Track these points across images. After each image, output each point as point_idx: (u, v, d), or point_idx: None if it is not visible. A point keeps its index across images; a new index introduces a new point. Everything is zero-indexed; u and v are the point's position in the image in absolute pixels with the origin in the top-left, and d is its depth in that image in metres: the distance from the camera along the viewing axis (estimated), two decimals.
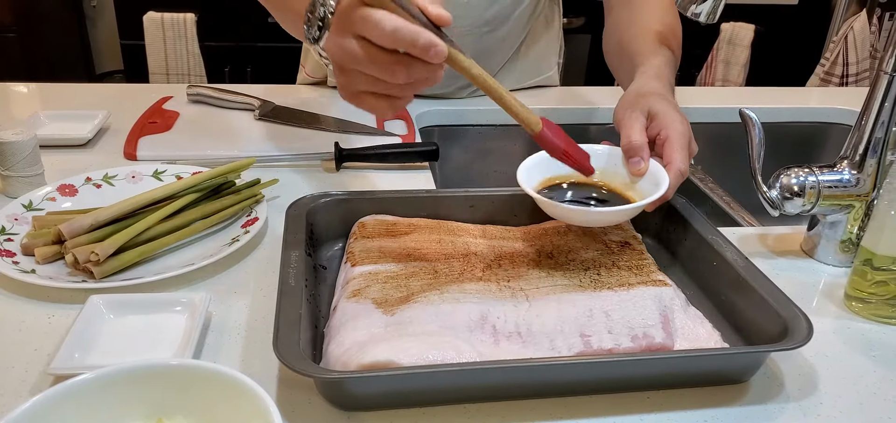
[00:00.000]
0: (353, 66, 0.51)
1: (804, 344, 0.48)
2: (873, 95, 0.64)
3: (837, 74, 1.99)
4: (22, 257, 0.60)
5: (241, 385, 0.39)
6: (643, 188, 0.62)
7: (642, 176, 0.62)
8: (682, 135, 0.63)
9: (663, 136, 0.63)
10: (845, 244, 0.67)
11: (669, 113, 0.65)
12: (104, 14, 2.79)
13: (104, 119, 0.90)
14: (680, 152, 0.62)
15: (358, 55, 0.50)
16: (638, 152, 0.63)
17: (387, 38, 0.48)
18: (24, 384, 0.48)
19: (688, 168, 0.63)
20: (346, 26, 0.50)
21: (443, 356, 0.47)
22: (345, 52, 0.50)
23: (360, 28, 0.49)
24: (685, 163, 0.62)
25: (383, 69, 0.50)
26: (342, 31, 0.50)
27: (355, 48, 0.50)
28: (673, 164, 0.61)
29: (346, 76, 0.53)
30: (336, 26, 0.51)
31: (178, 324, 0.53)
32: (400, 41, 0.48)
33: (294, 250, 0.57)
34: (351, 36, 0.50)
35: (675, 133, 0.63)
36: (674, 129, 0.63)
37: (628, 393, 0.49)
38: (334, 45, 0.51)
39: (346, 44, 0.50)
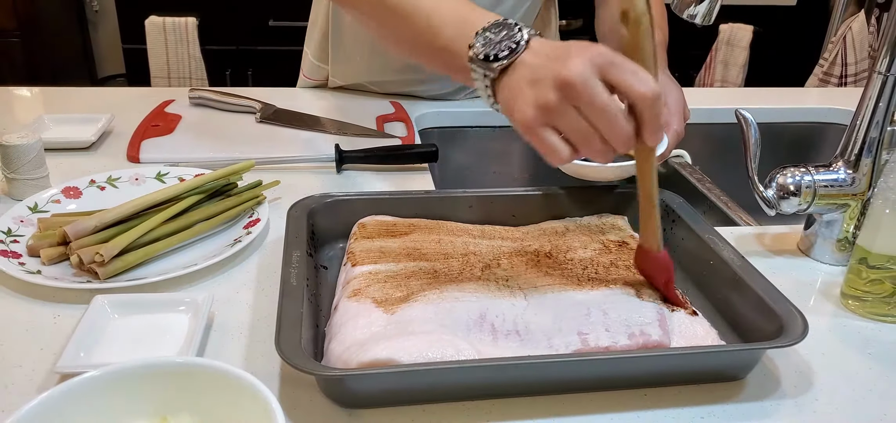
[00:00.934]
0: (584, 103, 0.47)
1: (800, 341, 0.49)
2: (867, 94, 0.64)
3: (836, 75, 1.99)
4: (28, 258, 0.61)
5: (244, 383, 0.39)
6: None
7: None
8: (677, 101, 0.72)
9: None
10: (841, 243, 0.68)
11: (666, 82, 0.74)
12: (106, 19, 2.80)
13: (107, 122, 0.91)
14: (676, 116, 0.71)
15: (600, 98, 0.46)
16: None
17: (650, 97, 0.46)
18: (30, 382, 0.49)
19: (683, 130, 0.72)
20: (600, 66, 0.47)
21: (442, 354, 0.47)
22: (587, 88, 0.46)
23: (619, 73, 0.46)
24: (681, 125, 0.71)
25: (614, 126, 0.47)
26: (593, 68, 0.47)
27: (601, 90, 0.46)
28: (670, 126, 0.70)
29: (557, 108, 0.48)
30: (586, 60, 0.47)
31: (181, 323, 0.53)
32: (654, 107, 0.46)
33: (295, 251, 0.57)
34: (599, 76, 0.46)
35: (671, 99, 0.72)
36: (670, 96, 0.72)
37: (625, 390, 0.50)
38: (578, 76, 0.46)
39: (592, 79, 0.46)
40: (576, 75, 0.46)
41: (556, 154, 0.49)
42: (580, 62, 0.47)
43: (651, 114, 0.47)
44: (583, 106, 0.47)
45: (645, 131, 0.48)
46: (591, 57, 0.47)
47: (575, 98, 0.47)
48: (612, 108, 0.47)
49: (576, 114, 0.48)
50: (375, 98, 1.08)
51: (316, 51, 1.10)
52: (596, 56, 0.47)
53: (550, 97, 0.47)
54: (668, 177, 0.98)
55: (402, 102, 1.05)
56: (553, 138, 0.49)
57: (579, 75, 0.46)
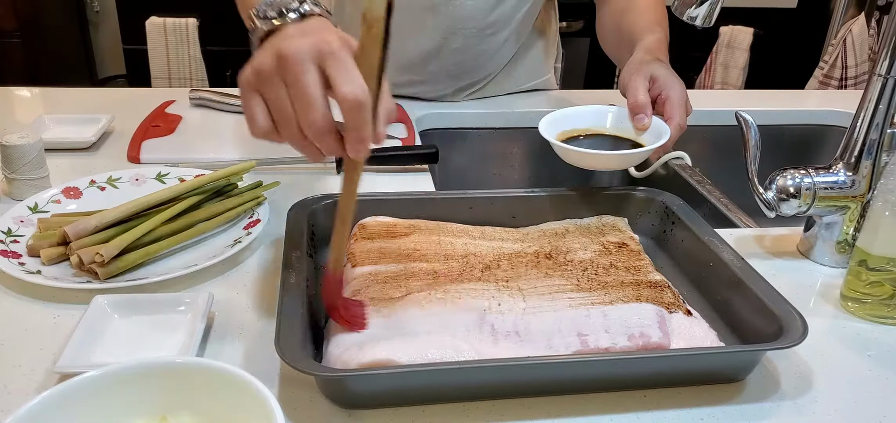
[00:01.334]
0: (290, 79, 0.46)
1: (799, 343, 0.49)
2: (867, 97, 0.64)
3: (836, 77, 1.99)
4: (28, 258, 0.61)
5: (244, 383, 0.39)
6: (647, 139, 0.73)
7: (646, 130, 0.73)
8: (680, 95, 0.74)
9: (664, 96, 0.74)
10: (841, 245, 0.68)
11: (669, 76, 0.75)
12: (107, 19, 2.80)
13: (108, 123, 0.91)
14: (679, 109, 0.73)
15: (305, 81, 0.45)
16: (642, 109, 0.73)
17: (352, 101, 0.44)
18: (30, 382, 0.49)
19: (686, 123, 0.73)
20: (321, 52, 0.45)
21: (442, 355, 0.47)
22: (297, 66, 0.45)
23: (334, 68, 0.45)
24: (683, 119, 0.73)
25: (310, 112, 0.45)
26: (313, 51, 0.45)
27: (310, 74, 0.45)
28: (673, 119, 0.72)
29: (267, 76, 0.47)
30: (309, 42, 0.46)
31: (181, 323, 0.53)
32: (356, 115, 0.44)
33: (295, 251, 0.57)
34: (316, 61, 0.45)
35: (674, 93, 0.74)
36: (674, 90, 0.74)
37: (625, 392, 0.50)
38: (293, 51, 0.45)
39: (306, 61, 0.45)
40: (292, 50, 0.45)
41: (253, 123, 0.48)
42: (304, 42, 0.45)
43: (351, 118, 0.45)
44: (288, 83, 0.46)
45: (346, 138, 0.46)
46: (317, 41, 0.45)
47: (284, 72, 0.46)
48: (311, 93, 0.45)
49: (283, 90, 0.46)
50: None
51: None
52: (322, 42, 0.45)
53: (266, 63, 0.46)
54: (668, 178, 0.98)
55: (402, 103, 1.05)
56: (257, 107, 0.48)
57: (295, 52, 0.45)
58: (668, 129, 0.72)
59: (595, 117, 0.78)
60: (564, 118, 0.76)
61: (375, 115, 0.46)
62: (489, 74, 1.10)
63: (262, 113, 0.48)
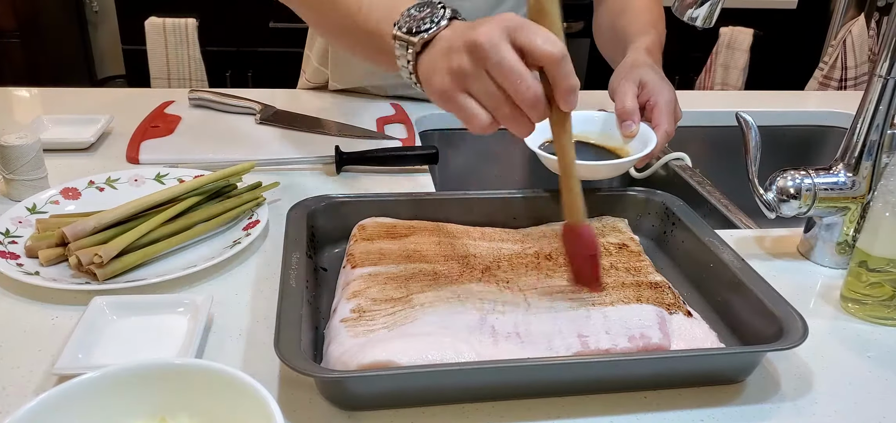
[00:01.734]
0: (492, 64, 0.48)
1: (799, 344, 0.49)
2: (867, 97, 0.64)
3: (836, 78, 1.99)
4: (26, 259, 0.61)
5: (243, 385, 0.39)
6: (635, 148, 0.72)
7: (634, 137, 0.72)
8: (668, 102, 0.73)
9: (652, 102, 0.73)
10: (841, 246, 0.68)
11: (658, 82, 0.74)
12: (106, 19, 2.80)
13: (107, 123, 0.91)
14: (667, 117, 0.72)
15: (508, 58, 0.47)
16: (630, 116, 0.72)
17: (555, 56, 0.47)
18: (28, 384, 0.48)
19: (674, 130, 0.72)
20: (508, 29, 0.48)
21: (442, 356, 0.47)
22: (495, 49, 0.47)
23: (527, 35, 0.47)
24: (671, 126, 0.72)
25: (520, 85, 0.47)
26: (502, 31, 0.48)
27: (508, 51, 0.47)
28: (660, 126, 0.71)
29: (468, 72, 0.49)
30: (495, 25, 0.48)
31: (180, 325, 0.53)
32: (561, 67, 0.47)
33: (295, 252, 0.57)
34: (508, 38, 0.47)
35: (662, 100, 0.72)
36: (662, 96, 0.73)
37: (625, 393, 0.50)
38: (485, 38, 0.47)
39: (500, 42, 0.47)
40: (484, 37, 0.47)
41: (476, 119, 0.50)
42: (489, 26, 0.48)
43: (559, 74, 0.48)
44: (491, 68, 0.48)
45: (556, 93, 0.49)
46: (500, 22, 0.48)
47: (484, 60, 0.48)
48: (517, 68, 0.47)
49: (487, 77, 0.48)
50: (376, 100, 1.08)
51: (319, 56, 1.10)
52: (505, 20, 0.48)
53: (463, 62, 0.49)
54: (668, 179, 0.98)
55: (402, 104, 1.05)
56: (471, 104, 0.50)
57: (487, 37, 0.47)
58: (654, 136, 0.70)
59: (582, 124, 0.75)
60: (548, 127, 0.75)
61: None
62: None
63: (478, 107, 0.50)
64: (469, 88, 0.50)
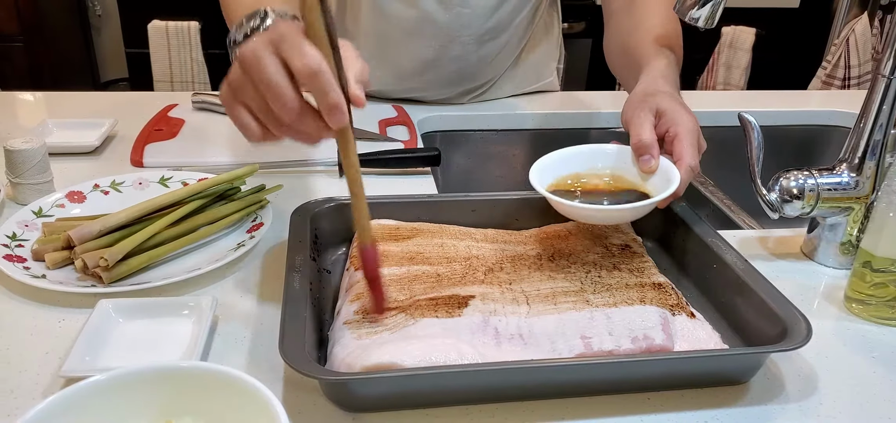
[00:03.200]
0: (254, 76, 0.48)
1: (803, 345, 0.49)
2: (871, 97, 0.64)
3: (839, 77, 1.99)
4: (32, 262, 0.61)
5: (248, 387, 0.39)
6: (655, 184, 0.63)
7: (653, 173, 0.64)
8: (690, 131, 0.64)
9: (672, 132, 0.64)
10: (845, 246, 0.68)
11: (677, 110, 0.66)
12: (109, 23, 2.81)
13: (111, 127, 0.91)
14: (690, 148, 0.63)
15: (266, 71, 0.47)
16: (648, 150, 0.64)
17: (307, 71, 0.46)
18: (36, 386, 0.49)
19: (698, 164, 0.63)
20: (273, 41, 0.47)
21: (445, 358, 0.47)
22: (256, 61, 0.47)
23: (287, 49, 0.47)
24: (695, 159, 0.63)
25: (278, 98, 0.47)
26: (266, 44, 0.48)
27: (268, 63, 0.47)
28: (683, 160, 0.62)
29: (238, 84, 0.50)
30: (263, 37, 0.48)
31: (185, 327, 0.54)
32: (316, 82, 0.46)
33: (299, 255, 0.57)
34: (272, 51, 0.47)
35: (683, 130, 0.64)
36: (683, 125, 0.64)
37: (629, 394, 0.50)
38: (250, 51, 0.48)
39: (263, 54, 0.47)
40: (248, 51, 0.48)
41: (247, 129, 0.50)
42: (257, 40, 0.48)
43: (313, 87, 0.47)
44: (255, 80, 0.48)
45: (319, 108, 0.48)
46: (268, 34, 0.48)
47: (249, 72, 0.48)
48: (275, 79, 0.47)
49: (253, 89, 0.49)
50: (378, 102, 1.08)
51: None
52: (272, 33, 0.48)
53: (235, 73, 0.50)
54: None
55: (404, 106, 1.05)
56: (244, 115, 0.50)
57: (251, 51, 0.48)
58: (677, 172, 0.61)
59: (592, 159, 0.67)
60: (558, 163, 0.66)
61: (344, 78, 0.48)
62: (490, 80, 1.10)
63: (250, 119, 0.50)
64: (242, 99, 0.50)
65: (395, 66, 1.03)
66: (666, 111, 0.66)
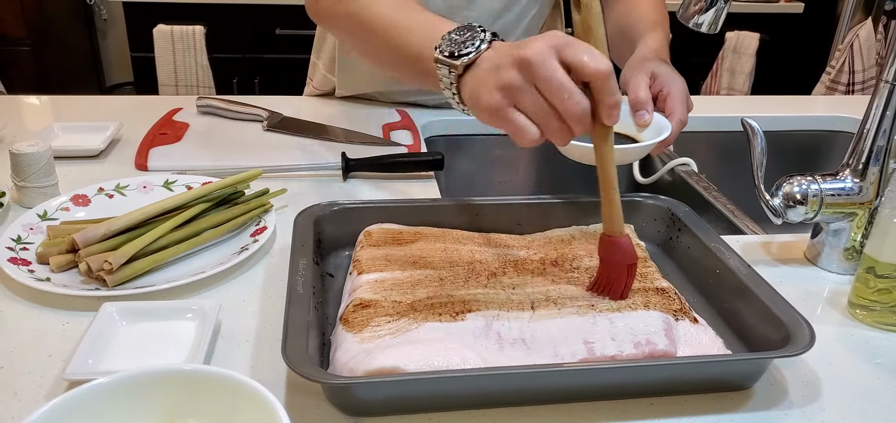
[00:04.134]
0: (542, 79, 0.49)
1: (806, 351, 0.49)
2: (875, 103, 0.64)
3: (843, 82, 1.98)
4: (37, 265, 0.62)
5: (250, 390, 0.40)
6: (648, 137, 0.71)
7: (647, 127, 0.72)
8: (681, 91, 0.74)
9: (665, 92, 0.74)
10: (849, 252, 0.68)
11: (670, 73, 0.76)
12: (115, 27, 2.82)
13: (116, 131, 0.91)
14: (680, 105, 0.73)
15: (557, 74, 0.49)
16: (643, 106, 0.72)
17: (602, 73, 0.48)
18: (40, 389, 0.49)
19: (687, 119, 0.73)
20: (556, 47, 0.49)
21: (448, 363, 0.47)
22: (544, 65, 0.49)
23: (575, 53, 0.49)
24: (685, 114, 0.73)
25: (570, 99, 0.49)
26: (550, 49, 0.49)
27: (557, 67, 0.49)
28: (675, 114, 0.72)
29: (517, 87, 0.50)
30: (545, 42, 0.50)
31: (188, 331, 0.54)
32: (607, 84, 0.49)
33: (302, 259, 0.58)
34: (556, 56, 0.49)
35: (675, 89, 0.74)
36: (675, 86, 0.74)
37: (631, 400, 0.50)
38: (537, 54, 0.49)
39: (550, 58, 0.49)
40: (533, 53, 0.49)
41: (525, 133, 0.51)
42: (538, 44, 0.50)
43: (604, 90, 0.49)
44: (540, 83, 0.49)
45: (600, 108, 0.50)
46: (548, 40, 0.50)
47: (533, 76, 0.49)
48: (566, 84, 0.49)
49: (536, 92, 0.50)
50: (382, 106, 1.08)
51: (327, 63, 1.10)
52: (552, 38, 0.50)
53: (512, 77, 0.50)
54: (674, 185, 0.98)
55: (408, 111, 1.06)
56: (520, 119, 0.51)
57: (537, 53, 0.49)
58: (669, 125, 0.71)
59: None
60: None
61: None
62: None
63: (527, 121, 0.51)
64: (518, 102, 0.51)
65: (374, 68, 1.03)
66: (660, 74, 0.76)
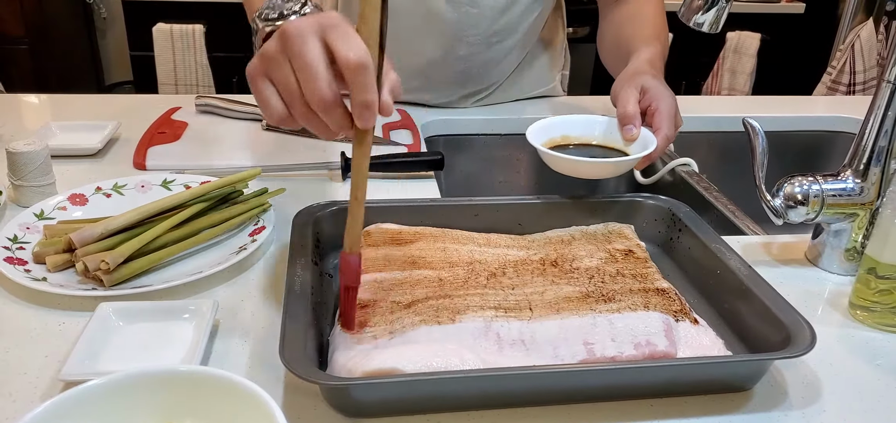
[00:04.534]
0: (294, 54, 0.46)
1: (807, 352, 0.48)
2: (876, 103, 0.64)
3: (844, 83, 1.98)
4: (33, 265, 0.61)
5: (247, 391, 0.39)
6: (635, 151, 0.74)
7: (635, 141, 0.75)
8: (669, 107, 0.75)
9: (653, 107, 0.75)
10: (850, 253, 0.67)
11: (659, 89, 0.77)
12: (114, 26, 2.82)
13: (114, 129, 0.91)
14: (667, 121, 0.74)
15: (309, 52, 0.45)
16: (631, 120, 0.74)
17: (355, 63, 0.44)
18: (35, 390, 0.49)
19: (674, 135, 0.75)
20: (322, 25, 0.46)
21: (446, 364, 0.47)
22: (300, 39, 0.46)
23: (336, 37, 0.46)
24: (672, 131, 0.74)
25: (314, 81, 0.46)
26: (314, 26, 0.46)
27: (312, 45, 0.46)
28: (661, 130, 0.73)
29: (273, 58, 0.48)
30: (311, 19, 0.47)
31: (185, 331, 0.53)
32: (359, 76, 0.45)
33: (300, 259, 0.57)
34: (318, 34, 0.46)
35: (663, 105, 0.75)
36: (663, 101, 0.75)
37: (632, 401, 0.49)
38: (295, 27, 0.46)
39: (308, 35, 0.46)
40: (293, 27, 0.46)
41: (268, 106, 0.49)
42: (305, 20, 0.47)
43: (355, 82, 0.45)
44: (292, 59, 0.46)
45: (351, 104, 0.46)
46: (318, 18, 0.47)
47: (288, 49, 0.47)
48: (313, 64, 0.46)
49: (288, 67, 0.47)
50: None
51: None
52: (322, 17, 0.47)
53: (271, 47, 0.48)
54: (674, 185, 0.98)
55: (408, 110, 1.05)
56: (267, 90, 0.48)
57: (296, 28, 0.46)
58: (655, 140, 0.73)
59: (585, 127, 0.78)
60: (553, 126, 0.77)
61: (380, 84, 0.47)
62: (495, 83, 1.10)
63: (274, 95, 0.48)
64: (271, 73, 0.48)
65: (401, 64, 1.03)
66: (650, 89, 0.76)
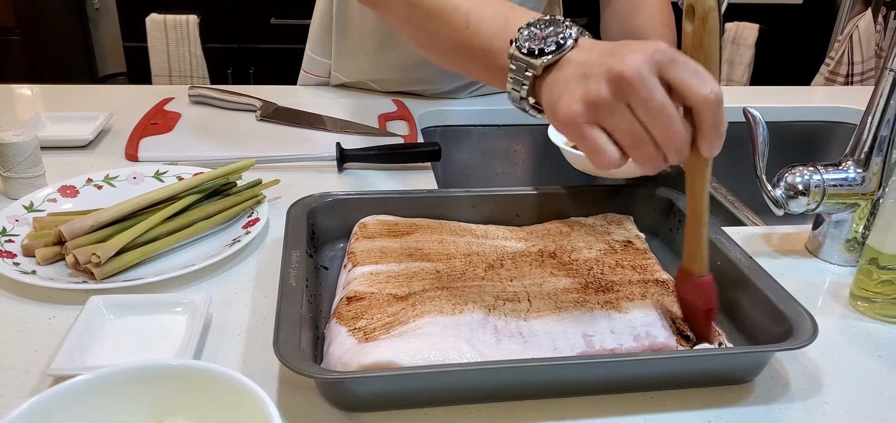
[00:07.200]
0: (638, 99, 0.43)
1: (809, 344, 0.48)
2: (878, 92, 0.63)
3: (842, 73, 1.98)
4: (22, 258, 0.60)
5: (241, 386, 0.38)
6: None
7: None
8: None
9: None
10: (851, 243, 0.67)
11: None
12: (107, 16, 2.79)
13: (106, 121, 0.90)
14: None
15: (656, 96, 0.42)
16: None
17: (714, 99, 0.42)
18: (24, 384, 0.48)
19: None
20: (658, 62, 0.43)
21: (444, 357, 0.46)
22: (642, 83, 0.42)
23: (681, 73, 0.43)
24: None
25: (669, 127, 0.43)
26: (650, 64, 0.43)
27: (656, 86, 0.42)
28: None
29: (606, 104, 0.44)
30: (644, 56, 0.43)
31: (178, 325, 0.53)
32: (716, 109, 0.42)
33: (295, 251, 0.56)
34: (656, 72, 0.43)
35: None
36: None
37: (632, 393, 0.49)
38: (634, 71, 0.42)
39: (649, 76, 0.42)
40: (631, 70, 0.42)
41: (604, 156, 0.45)
42: (638, 57, 0.43)
43: (712, 120, 0.43)
44: (637, 105, 0.43)
45: (702, 140, 0.44)
46: (650, 53, 0.43)
47: (629, 95, 0.43)
48: (669, 109, 0.43)
49: (628, 113, 0.43)
50: (378, 96, 1.07)
51: (313, 44, 1.09)
52: (655, 52, 0.43)
53: (602, 92, 0.43)
54: (674, 175, 0.97)
55: (404, 101, 1.04)
56: (601, 138, 0.45)
57: (635, 70, 0.42)
58: None
59: None
60: None
61: None
62: None
63: (608, 142, 0.45)
64: (604, 121, 0.44)
65: (400, 55, 1.02)
66: None
